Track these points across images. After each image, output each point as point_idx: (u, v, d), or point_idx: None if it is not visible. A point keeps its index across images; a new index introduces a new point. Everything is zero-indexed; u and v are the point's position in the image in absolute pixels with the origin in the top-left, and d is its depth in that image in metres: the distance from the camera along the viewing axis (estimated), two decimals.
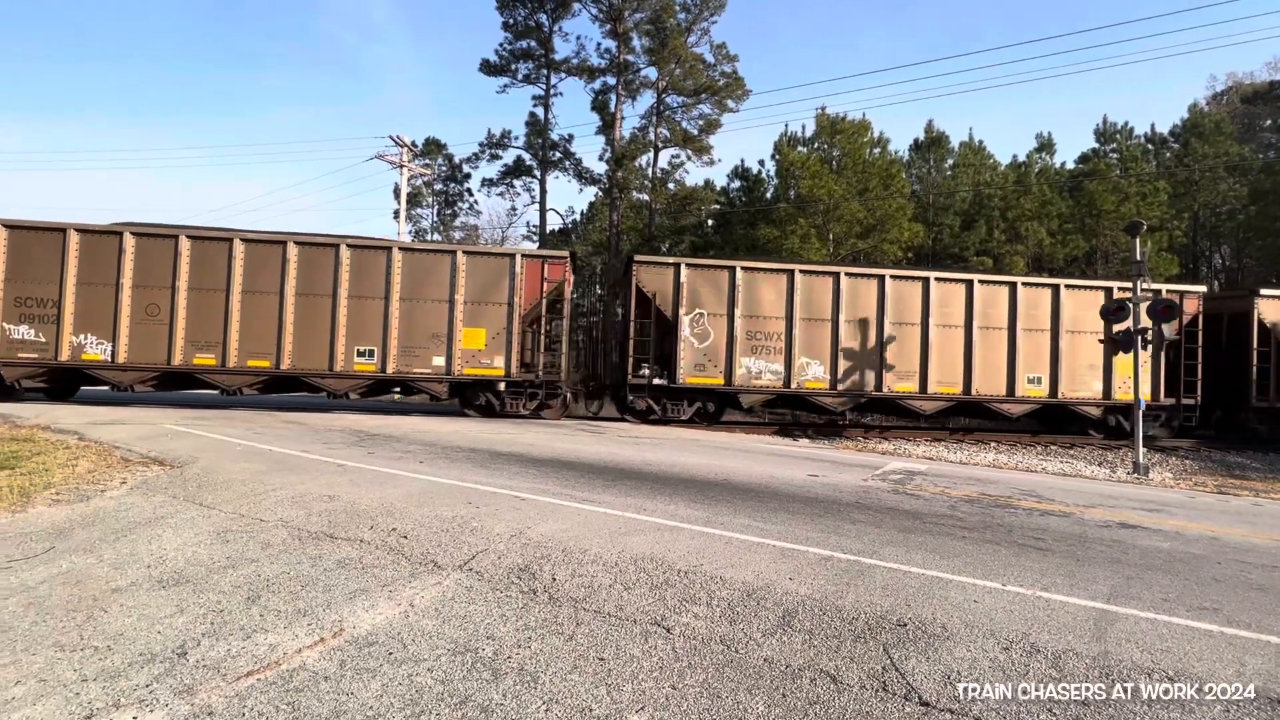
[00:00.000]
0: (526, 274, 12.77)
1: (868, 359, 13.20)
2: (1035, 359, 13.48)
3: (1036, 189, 25.69)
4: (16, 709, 2.48)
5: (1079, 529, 5.50)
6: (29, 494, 5.53)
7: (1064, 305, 13.51)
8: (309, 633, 3.10)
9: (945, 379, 13.30)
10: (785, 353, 12.98)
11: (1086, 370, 13.60)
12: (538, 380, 12.90)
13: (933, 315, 13.25)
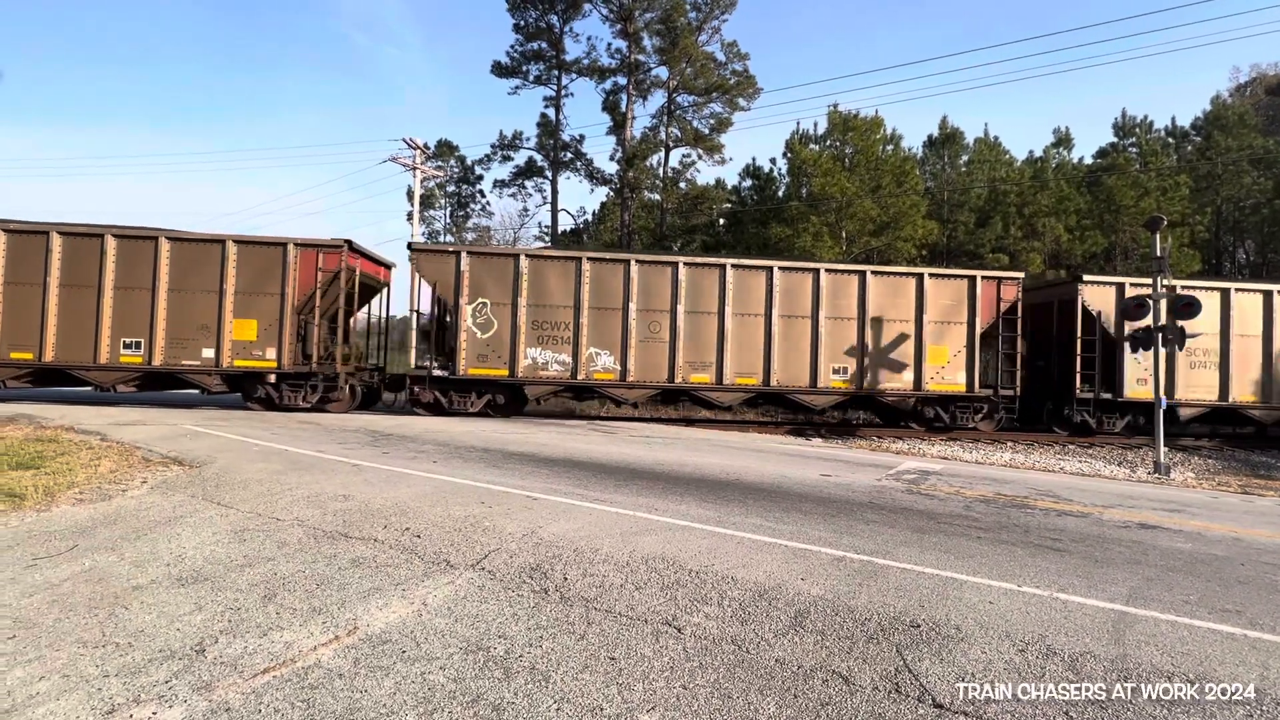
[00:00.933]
0: (300, 264, 12.43)
1: (661, 350, 12.90)
2: (841, 348, 13.23)
3: (1054, 185, 25.30)
4: (41, 704, 2.53)
5: (1097, 530, 5.42)
6: (53, 493, 5.66)
7: (870, 293, 13.14)
8: (324, 631, 3.13)
9: (744, 369, 13.02)
10: (573, 343, 12.73)
11: (894, 360, 13.46)
12: (314, 372, 12.56)
13: (731, 304, 12.90)
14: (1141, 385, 13.16)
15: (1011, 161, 28.20)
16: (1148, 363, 13.07)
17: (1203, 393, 13.40)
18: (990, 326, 13.37)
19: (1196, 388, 13.40)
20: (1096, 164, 27.40)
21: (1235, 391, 13.43)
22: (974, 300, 13.20)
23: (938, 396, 13.24)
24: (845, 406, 14.12)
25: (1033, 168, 27.06)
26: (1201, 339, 13.11)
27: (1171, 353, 11.72)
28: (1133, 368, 13.21)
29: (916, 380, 13.16)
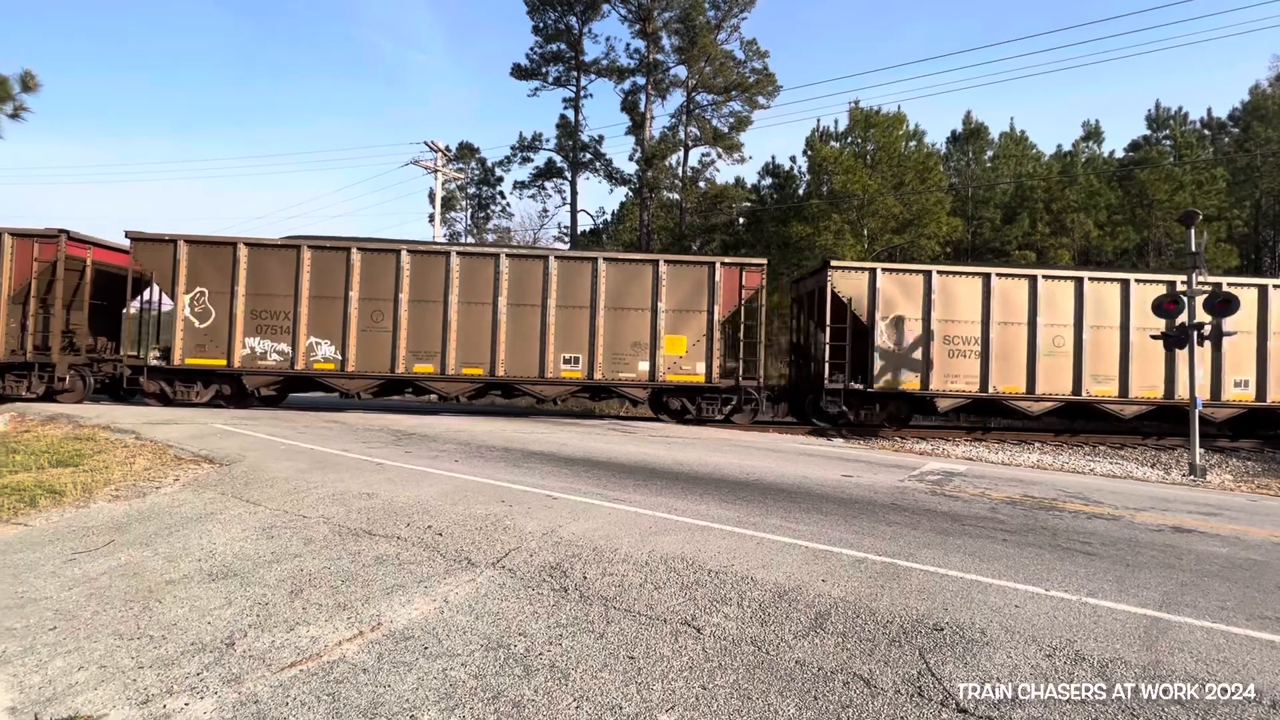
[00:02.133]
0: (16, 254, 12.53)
1: (386, 339, 12.68)
2: (572, 338, 12.84)
3: (1083, 179, 24.70)
4: (80, 693, 2.62)
5: (1128, 533, 5.28)
6: (91, 490, 5.84)
7: (604, 280, 12.80)
8: (348, 626, 3.19)
9: (470, 359, 12.75)
10: (292, 332, 12.57)
11: (630, 350, 12.95)
12: (30, 362, 12.59)
13: (456, 292, 12.66)
14: (888, 376, 12.89)
15: (1039, 156, 27.60)
16: (904, 354, 12.91)
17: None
18: (733, 314, 13.06)
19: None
20: (1128, 158, 26.68)
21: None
22: (713, 288, 12.87)
23: (672, 388, 12.93)
24: (585, 396, 13.84)
25: (1061, 162, 26.45)
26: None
27: (1214, 351, 11.35)
28: (888, 359, 12.90)
29: (652, 372, 12.84)
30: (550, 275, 12.75)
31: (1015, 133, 27.99)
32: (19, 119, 9.87)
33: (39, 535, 4.68)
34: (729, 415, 13.16)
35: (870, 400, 13.08)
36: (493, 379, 12.80)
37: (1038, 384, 12.83)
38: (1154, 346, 12.45)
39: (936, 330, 12.85)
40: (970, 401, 13.02)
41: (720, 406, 13.06)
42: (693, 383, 12.83)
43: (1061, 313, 12.94)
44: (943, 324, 12.86)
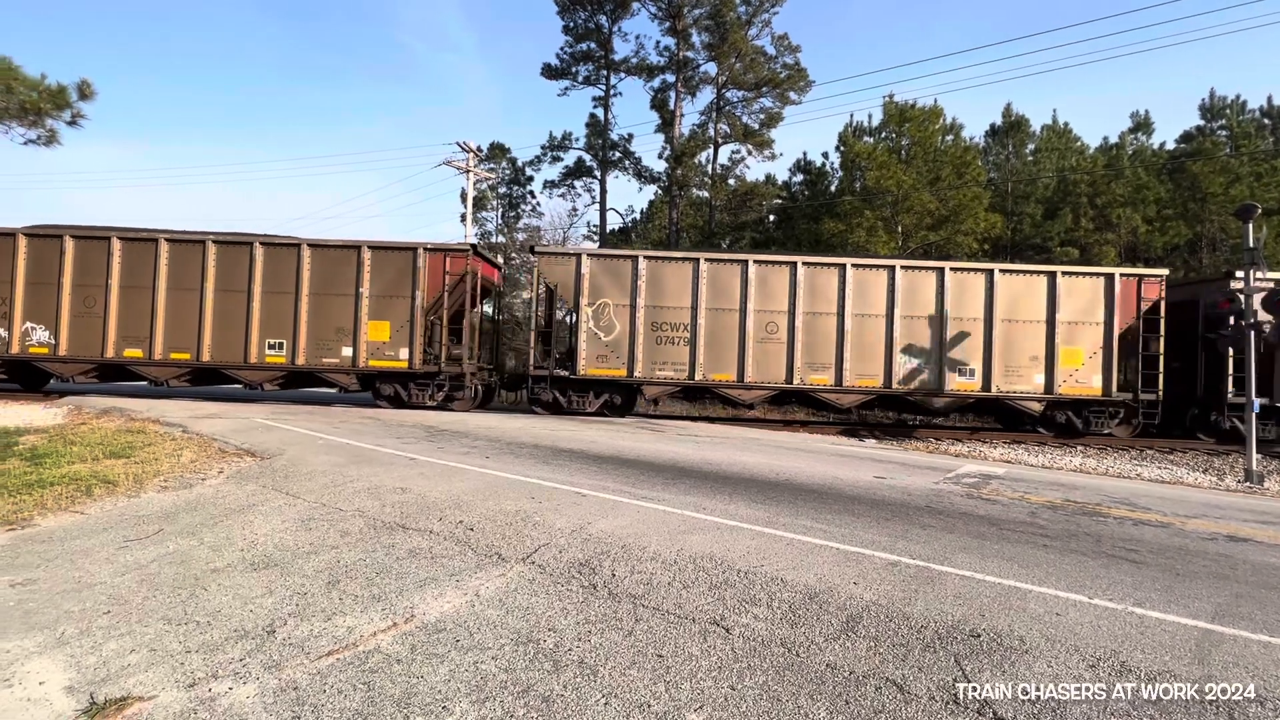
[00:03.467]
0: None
1: (97, 324, 12.79)
2: (277, 324, 12.76)
3: (1130, 172, 23.74)
4: (132, 674, 2.74)
5: (1179, 541, 5.06)
6: (142, 481, 6.10)
7: (306, 267, 12.77)
8: (383, 617, 3.26)
9: (178, 345, 12.76)
10: (8, 318, 12.83)
11: (334, 335, 12.85)
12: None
13: (165, 278, 12.77)
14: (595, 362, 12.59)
15: (1083, 149, 26.62)
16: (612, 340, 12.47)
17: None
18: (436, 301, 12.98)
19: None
20: (1180, 149, 25.53)
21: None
22: (415, 275, 12.83)
23: (385, 373, 12.95)
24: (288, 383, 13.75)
25: (1106, 155, 25.47)
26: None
27: None
28: (593, 344, 12.60)
29: (354, 357, 12.93)
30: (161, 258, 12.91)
31: (1058, 125, 27.05)
32: (76, 125, 10.35)
33: (94, 523, 4.91)
34: (442, 402, 13.28)
35: (582, 387, 13.02)
36: (201, 364, 12.98)
37: (749, 371, 12.62)
38: (875, 334, 12.46)
39: (644, 316, 12.72)
40: (680, 389, 12.94)
41: (434, 392, 13.19)
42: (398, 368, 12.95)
43: (777, 299, 12.70)
44: (651, 310, 12.74)
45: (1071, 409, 12.84)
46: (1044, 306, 12.57)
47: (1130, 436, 13.06)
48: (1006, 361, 12.59)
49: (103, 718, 2.43)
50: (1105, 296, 12.58)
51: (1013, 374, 12.61)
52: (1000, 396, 12.66)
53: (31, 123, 9.91)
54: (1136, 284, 12.62)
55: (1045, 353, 12.55)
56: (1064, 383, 12.56)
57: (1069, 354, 12.50)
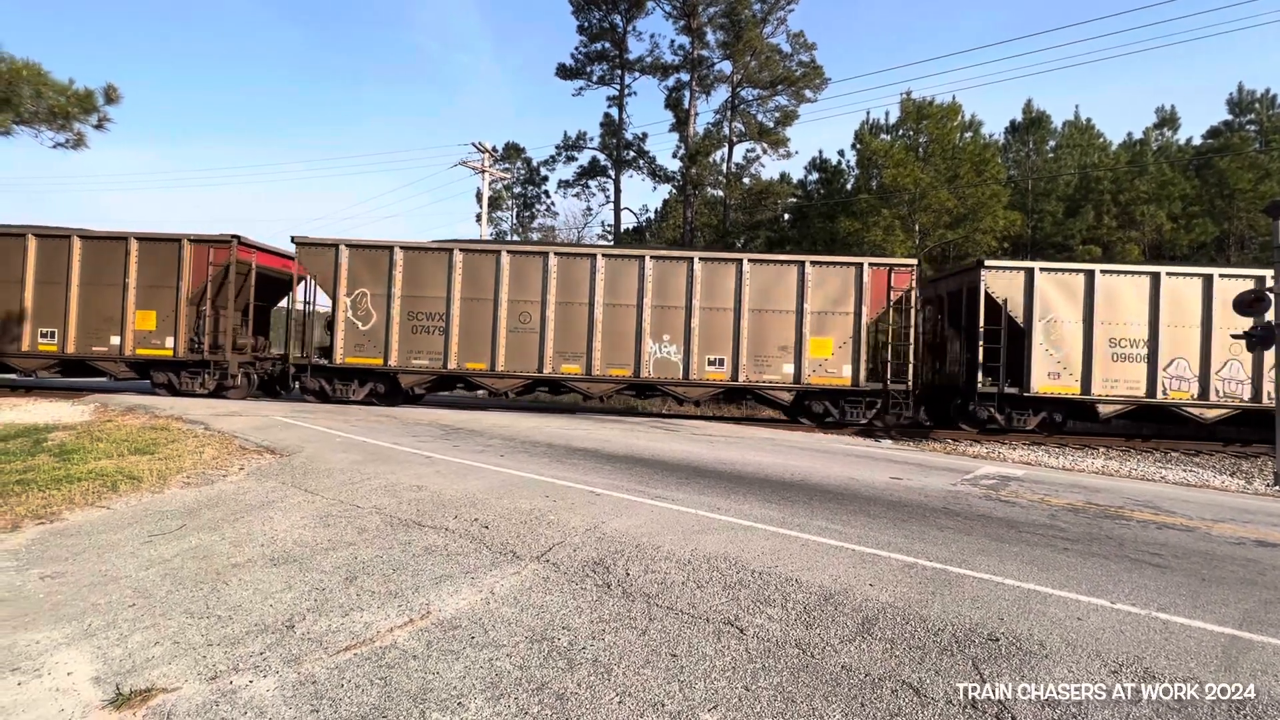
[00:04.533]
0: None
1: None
2: (48, 312, 12.99)
3: (1154, 169, 23.25)
4: (156, 666, 2.80)
5: (1205, 545, 4.95)
6: (165, 477, 6.22)
7: (134, 261, 12.93)
8: (399, 613, 3.30)
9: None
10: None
11: (102, 323, 12.89)
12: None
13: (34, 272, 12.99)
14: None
15: (1106, 145, 26.12)
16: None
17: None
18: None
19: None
20: (1206, 145, 24.95)
21: None
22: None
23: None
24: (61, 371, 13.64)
25: (1130, 151, 24.96)
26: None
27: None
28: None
29: (122, 345, 12.93)
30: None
31: (1080, 121, 26.57)
32: (102, 129, 10.57)
33: (119, 518, 5.02)
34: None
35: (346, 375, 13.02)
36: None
37: (500, 361, 12.66)
38: (626, 324, 12.53)
39: (400, 306, 12.71)
40: (435, 377, 13.00)
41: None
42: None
43: (531, 290, 12.75)
44: (408, 299, 12.76)
45: (829, 399, 12.87)
46: (794, 296, 12.62)
47: (897, 426, 13.18)
48: (756, 351, 12.64)
49: (128, 709, 2.48)
50: (855, 286, 12.62)
51: (762, 364, 12.66)
52: (749, 386, 12.69)
53: (60, 126, 10.13)
54: (887, 273, 12.66)
55: (794, 342, 12.61)
56: (813, 373, 12.62)
57: (818, 344, 12.59)
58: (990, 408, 12.51)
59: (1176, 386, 12.30)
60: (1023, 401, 12.48)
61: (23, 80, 9.22)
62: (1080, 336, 12.29)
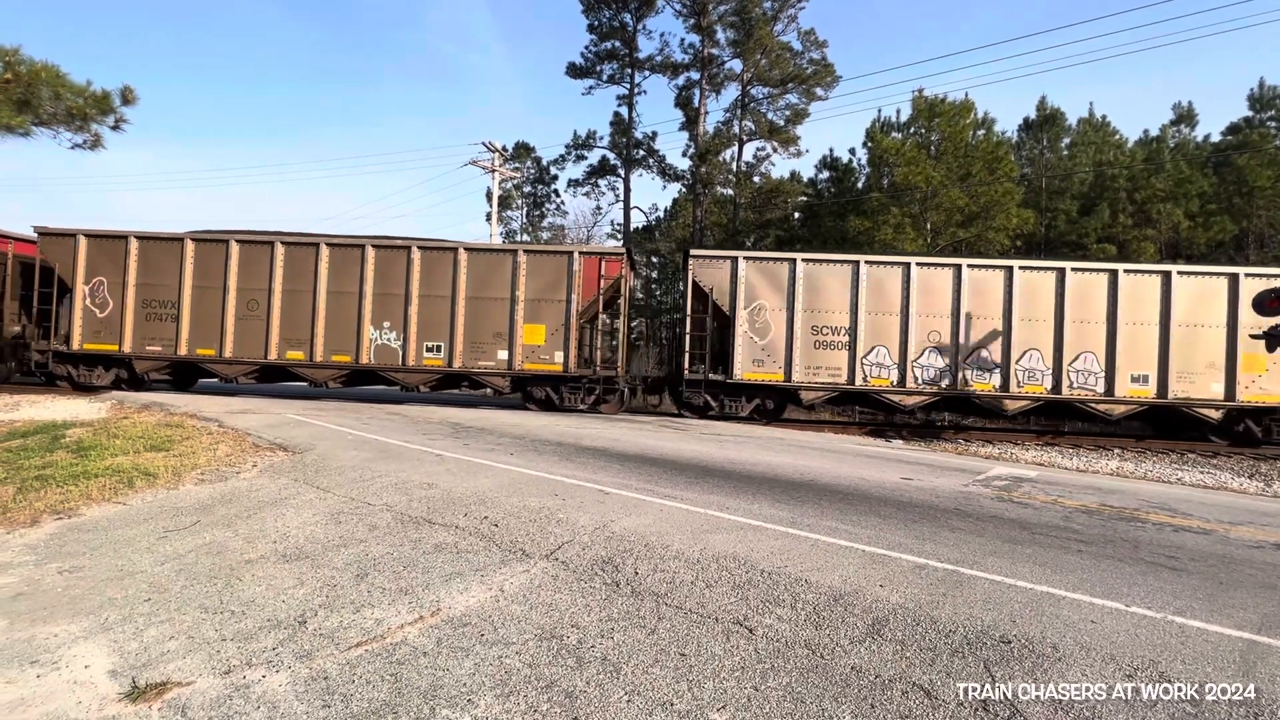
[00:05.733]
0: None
1: None
2: None
3: (1171, 166, 22.92)
4: (171, 660, 2.83)
5: (1222, 548, 4.88)
6: (180, 474, 6.30)
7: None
8: (410, 610, 3.32)
9: None
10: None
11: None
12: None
13: None
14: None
15: (1121, 143, 25.80)
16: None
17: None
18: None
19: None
20: (1225, 142, 24.56)
21: None
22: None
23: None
24: None
25: (1146, 149, 24.64)
26: None
27: None
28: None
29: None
30: None
31: (1095, 118, 26.27)
32: (119, 130, 10.70)
33: (135, 514, 5.09)
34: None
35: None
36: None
37: (228, 347, 13.05)
38: (350, 312, 12.98)
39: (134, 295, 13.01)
40: (169, 364, 13.25)
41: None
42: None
43: (260, 278, 13.07)
44: (142, 288, 13.08)
45: (549, 385, 13.14)
46: (509, 284, 12.96)
47: (618, 410, 13.54)
48: (472, 338, 13.00)
49: (144, 702, 2.52)
50: (567, 275, 12.92)
51: (479, 350, 13.01)
52: (466, 371, 13.02)
53: (78, 127, 10.27)
54: (598, 262, 13.01)
55: (509, 330, 12.95)
56: (527, 360, 12.94)
57: (531, 331, 12.95)
58: (702, 394, 12.93)
59: (877, 374, 12.52)
60: (733, 388, 12.85)
61: (42, 82, 9.36)
62: (784, 324, 12.63)
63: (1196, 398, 12.13)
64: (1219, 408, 12.15)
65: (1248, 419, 12.26)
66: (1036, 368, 12.34)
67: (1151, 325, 12.18)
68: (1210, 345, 12.10)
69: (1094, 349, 12.27)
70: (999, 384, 12.33)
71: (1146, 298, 12.21)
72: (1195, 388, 12.12)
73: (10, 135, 9.41)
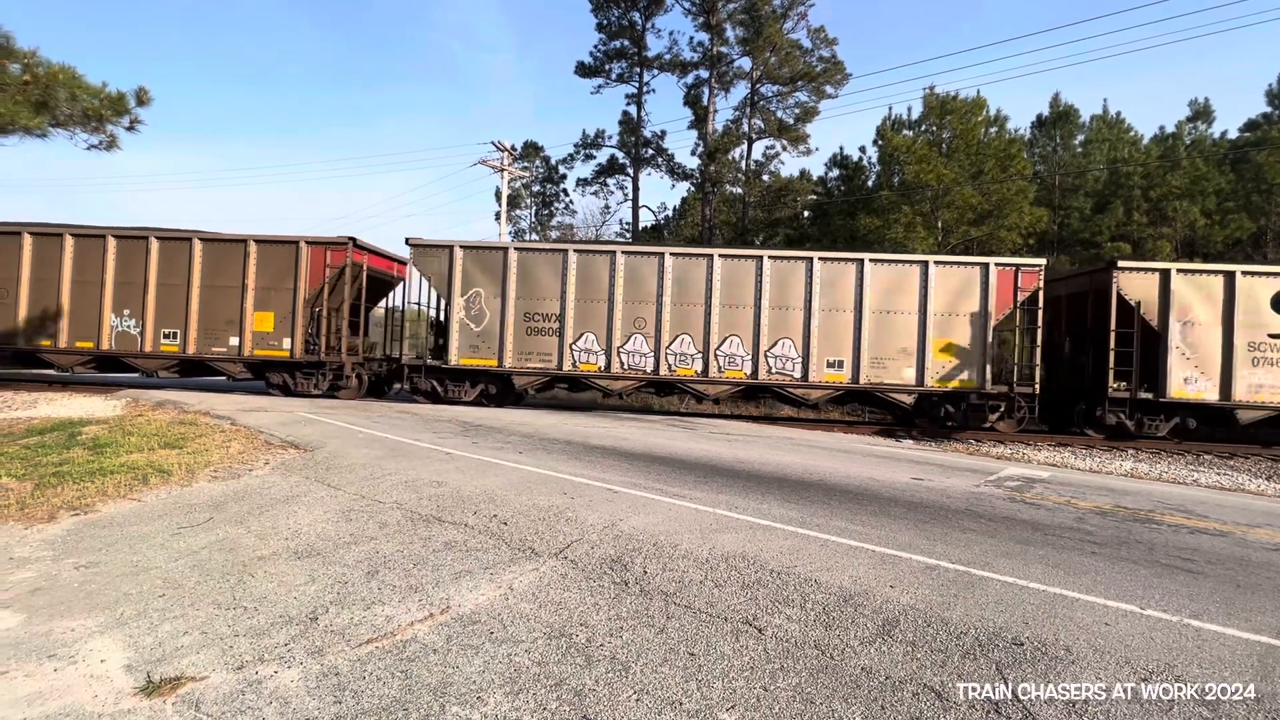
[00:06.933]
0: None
1: None
2: None
3: (1188, 163, 22.59)
4: (185, 655, 2.86)
5: (1240, 551, 4.81)
6: (193, 471, 6.37)
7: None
8: (420, 608, 3.34)
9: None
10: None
11: None
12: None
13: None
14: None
15: (1136, 140, 25.47)
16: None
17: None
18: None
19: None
20: (1243, 139, 24.19)
21: None
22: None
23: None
24: None
25: (1161, 146, 24.31)
26: None
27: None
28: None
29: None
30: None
31: (1109, 115, 25.95)
32: (134, 131, 10.82)
33: (150, 510, 5.15)
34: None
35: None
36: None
37: None
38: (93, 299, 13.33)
39: None
40: None
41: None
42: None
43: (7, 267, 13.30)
44: None
45: (284, 370, 13.58)
46: (239, 272, 13.31)
47: (356, 396, 13.81)
48: (207, 325, 13.43)
49: (158, 696, 2.55)
50: (292, 264, 13.20)
51: (212, 336, 13.44)
52: (200, 358, 13.45)
53: (94, 129, 10.40)
54: (324, 252, 13.35)
55: (238, 317, 13.32)
56: (256, 347, 13.35)
57: (260, 319, 13.33)
58: (425, 379, 13.24)
59: (586, 359, 12.77)
60: (456, 373, 13.20)
61: (59, 84, 9.48)
62: (498, 311, 12.82)
63: (890, 383, 12.29)
64: (911, 392, 12.32)
65: (948, 404, 12.42)
66: (737, 353, 12.54)
67: (847, 312, 12.37)
68: (904, 332, 12.27)
69: (792, 335, 12.44)
70: (700, 369, 12.53)
71: (842, 285, 12.41)
72: (889, 373, 12.30)
73: (28, 136, 9.54)
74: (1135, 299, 11.85)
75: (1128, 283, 11.92)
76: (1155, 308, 11.82)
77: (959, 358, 12.21)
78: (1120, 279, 11.92)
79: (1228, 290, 11.69)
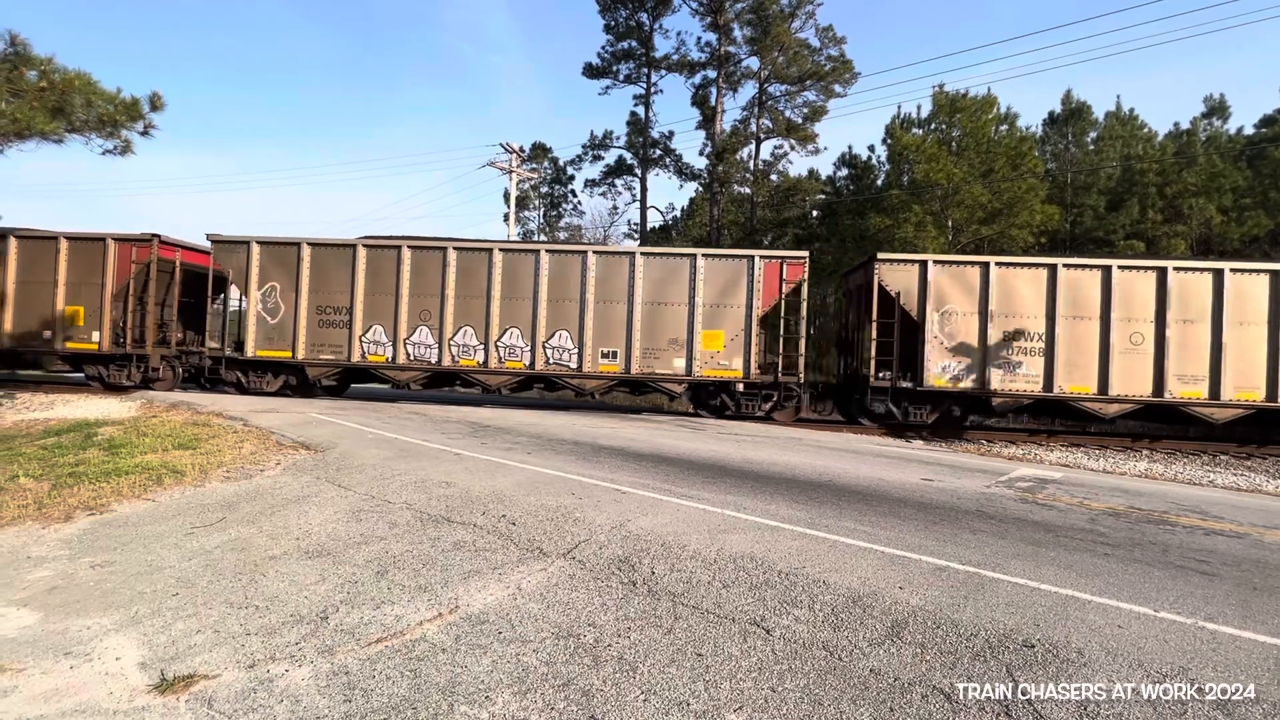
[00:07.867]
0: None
1: None
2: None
3: (1204, 160, 22.32)
4: (197, 653, 2.90)
5: (1256, 553, 4.74)
6: (206, 471, 6.44)
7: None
8: (429, 607, 3.36)
9: None
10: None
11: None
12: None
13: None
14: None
15: (1150, 136, 25.19)
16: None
17: None
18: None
19: None
20: (1260, 134, 23.86)
21: None
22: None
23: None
24: None
25: (1176, 142, 24.02)
26: None
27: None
28: None
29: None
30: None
31: (1122, 112, 25.66)
32: (148, 135, 10.98)
33: (164, 510, 5.21)
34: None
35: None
36: None
37: None
38: None
39: None
40: None
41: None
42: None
43: None
44: None
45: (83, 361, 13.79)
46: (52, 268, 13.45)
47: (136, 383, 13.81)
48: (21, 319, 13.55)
49: (172, 694, 2.58)
50: (100, 261, 13.44)
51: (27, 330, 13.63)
52: (16, 350, 13.70)
53: (109, 134, 10.56)
54: (129, 249, 13.53)
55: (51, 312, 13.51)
56: (69, 340, 13.50)
57: (70, 313, 13.65)
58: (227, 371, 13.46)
59: (374, 351, 13.03)
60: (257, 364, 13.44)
61: (75, 90, 9.63)
62: (292, 305, 13.05)
63: (661, 372, 12.56)
64: (681, 382, 12.56)
65: (722, 394, 12.60)
66: (517, 344, 12.78)
67: (621, 304, 12.58)
68: (674, 324, 12.53)
69: (569, 327, 12.66)
70: (482, 360, 12.75)
71: (616, 278, 12.57)
72: (660, 363, 12.57)
73: (45, 141, 9.69)
74: (896, 290, 11.96)
75: (889, 274, 12.03)
76: (915, 298, 11.91)
77: (727, 348, 12.43)
78: (881, 270, 12.03)
79: (983, 281, 11.74)
